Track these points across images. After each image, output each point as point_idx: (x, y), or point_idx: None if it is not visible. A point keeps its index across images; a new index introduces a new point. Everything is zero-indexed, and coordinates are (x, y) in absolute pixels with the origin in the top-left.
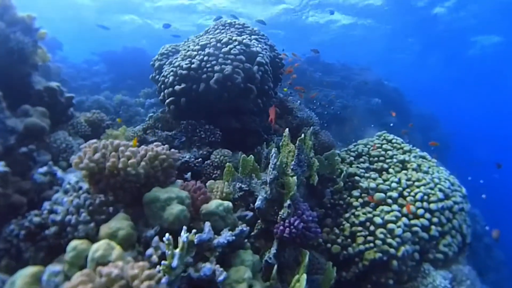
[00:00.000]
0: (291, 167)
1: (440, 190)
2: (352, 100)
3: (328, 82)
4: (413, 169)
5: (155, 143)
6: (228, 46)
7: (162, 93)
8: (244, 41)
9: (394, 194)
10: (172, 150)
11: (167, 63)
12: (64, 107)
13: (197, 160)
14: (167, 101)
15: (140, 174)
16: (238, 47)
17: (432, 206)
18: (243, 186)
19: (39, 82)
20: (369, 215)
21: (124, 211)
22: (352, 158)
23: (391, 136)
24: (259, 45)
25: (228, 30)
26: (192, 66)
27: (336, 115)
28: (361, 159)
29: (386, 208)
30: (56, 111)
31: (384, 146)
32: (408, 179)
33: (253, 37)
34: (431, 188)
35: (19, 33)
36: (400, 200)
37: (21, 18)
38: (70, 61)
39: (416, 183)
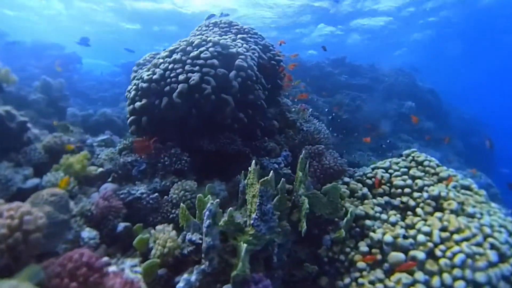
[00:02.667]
0: (251, 222)
1: (493, 247)
2: (382, 103)
3: (355, 85)
4: (452, 211)
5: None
6: (199, 49)
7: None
8: (221, 41)
9: (420, 255)
10: (34, 215)
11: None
12: (16, 133)
13: (151, 196)
14: (128, 120)
15: None
16: (211, 49)
17: (479, 276)
18: (193, 238)
19: None
20: (379, 286)
21: None
22: (365, 190)
23: (422, 157)
24: (244, 45)
25: (211, 30)
26: (154, 77)
27: (363, 121)
28: (380, 190)
29: (405, 278)
30: (4, 139)
31: (412, 171)
32: (443, 229)
33: (239, 36)
34: (479, 244)
35: None
36: (429, 265)
37: None
38: (94, 74)
39: (456, 236)
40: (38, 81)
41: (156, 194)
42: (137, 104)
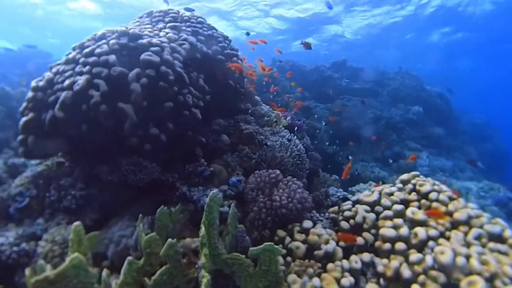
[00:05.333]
0: None
1: None
2: (387, 109)
3: (358, 90)
4: None
5: None
6: (96, 44)
7: None
8: (131, 31)
9: None
10: None
11: None
12: None
13: (14, 249)
14: (17, 140)
15: None
16: (112, 41)
17: None
18: None
19: None
20: None
21: None
22: (331, 246)
23: (427, 185)
24: (169, 35)
25: (138, 22)
26: (40, 84)
27: (365, 128)
28: (360, 241)
29: None
30: None
31: (410, 212)
32: None
33: (169, 25)
34: None
35: None
36: None
37: None
38: None
39: None
40: None
41: (23, 245)
42: (23, 119)
